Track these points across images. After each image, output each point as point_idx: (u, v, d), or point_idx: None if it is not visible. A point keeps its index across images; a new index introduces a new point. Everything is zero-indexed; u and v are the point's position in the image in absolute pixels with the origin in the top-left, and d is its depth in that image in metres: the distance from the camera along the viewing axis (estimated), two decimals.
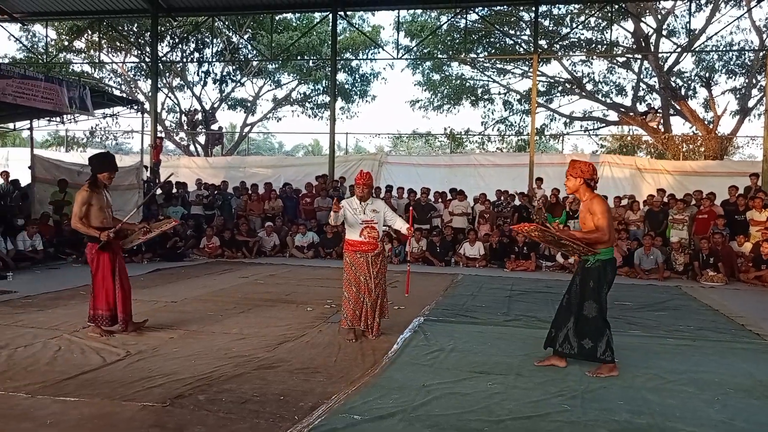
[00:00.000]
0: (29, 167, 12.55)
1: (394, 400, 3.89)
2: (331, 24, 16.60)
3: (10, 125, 15.45)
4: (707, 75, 20.21)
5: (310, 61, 23.44)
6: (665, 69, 20.20)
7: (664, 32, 19.78)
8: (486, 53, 21.90)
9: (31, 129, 13.69)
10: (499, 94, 23.65)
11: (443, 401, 3.91)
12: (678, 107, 20.14)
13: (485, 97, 23.62)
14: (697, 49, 19.43)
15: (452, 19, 19.91)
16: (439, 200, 13.60)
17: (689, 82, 21.05)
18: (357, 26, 21.62)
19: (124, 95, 21.15)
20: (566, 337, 4.60)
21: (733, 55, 19.96)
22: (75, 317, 6.13)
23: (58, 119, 13.07)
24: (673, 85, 20.18)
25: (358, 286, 5.55)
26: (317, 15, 19.90)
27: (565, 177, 4.70)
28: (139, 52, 22.64)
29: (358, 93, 24.98)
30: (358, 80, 24.80)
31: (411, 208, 7.21)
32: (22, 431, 3.32)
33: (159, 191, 13.73)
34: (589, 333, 4.54)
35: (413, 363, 4.78)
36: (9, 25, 18.73)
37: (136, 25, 21.89)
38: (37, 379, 4.18)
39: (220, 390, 4.02)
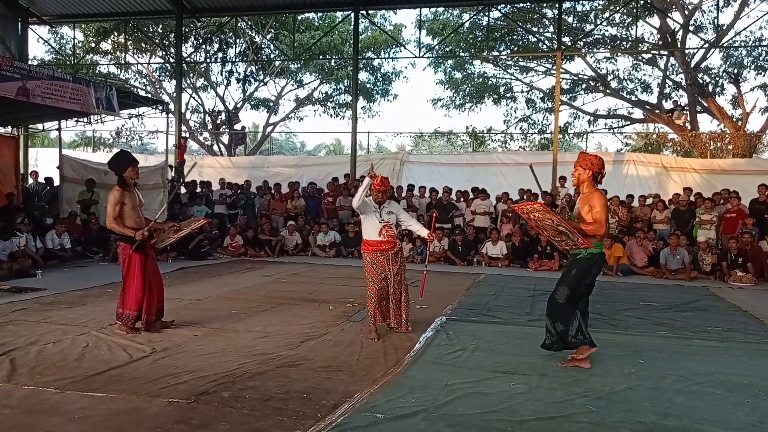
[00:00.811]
0: (57, 167, 12.80)
1: (417, 399, 3.89)
2: (352, 23, 16.63)
3: (39, 126, 15.77)
4: (736, 71, 19.78)
5: (332, 61, 23.50)
6: (692, 65, 19.83)
7: (691, 28, 19.40)
8: (509, 51, 21.74)
9: (59, 129, 13.96)
10: (522, 92, 23.45)
11: (466, 401, 3.89)
12: (705, 104, 19.76)
13: (508, 95, 23.43)
14: (725, 45, 19.05)
15: (474, 17, 19.80)
16: (461, 199, 13.54)
17: (717, 79, 20.62)
18: (379, 25, 21.63)
19: (149, 96, 21.44)
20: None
21: (762, 50, 19.49)
22: (102, 314, 6.23)
23: (85, 120, 13.29)
24: (701, 81, 19.80)
25: (380, 283, 5.69)
26: (339, 14, 19.97)
27: (573, 168, 4.72)
28: (164, 53, 22.93)
29: (380, 92, 24.98)
30: (380, 79, 24.80)
31: (434, 211, 7.15)
32: (52, 425, 3.38)
33: (183, 191, 13.90)
34: (560, 317, 4.63)
35: (436, 362, 4.77)
36: (38, 27, 19.10)
37: (160, 26, 22.18)
38: (65, 374, 4.26)
39: (243, 387, 4.06)
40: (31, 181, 14.63)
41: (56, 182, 13.30)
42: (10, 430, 3.31)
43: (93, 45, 21.99)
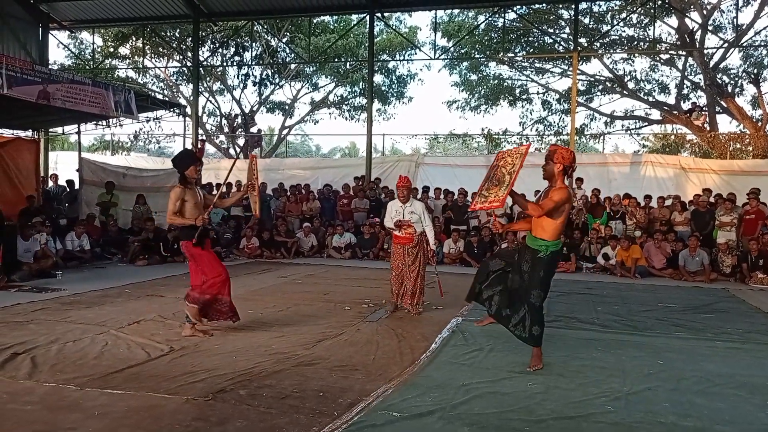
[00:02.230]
0: (77, 170, 12.97)
1: (433, 398, 3.88)
2: (368, 26, 16.68)
3: (59, 129, 16.01)
4: (755, 71, 19.53)
5: (347, 64, 23.59)
6: (711, 65, 19.60)
7: (710, 28, 19.21)
8: (524, 52, 21.66)
9: (78, 133, 14.16)
10: (538, 93, 23.36)
11: (483, 400, 3.87)
12: (724, 105, 19.52)
13: (523, 96, 23.36)
14: (744, 45, 18.81)
15: (490, 19, 19.76)
16: None
17: (736, 79, 20.39)
18: (394, 27, 21.66)
19: (167, 99, 21.66)
20: (521, 320, 4.67)
21: None
22: (121, 314, 6.31)
23: (104, 123, 13.45)
24: (720, 82, 19.56)
25: (397, 270, 6.68)
26: (354, 17, 20.03)
27: (545, 161, 4.71)
28: (181, 57, 23.17)
29: (395, 94, 25.01)
30: (395, 82, 24.84)
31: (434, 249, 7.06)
32: (72, 422, 3.42)
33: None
34: (538, 320, 4.63)
35: (452, 362, 4.76)
36: (58, 32, 19.42)
37: (178, 30, 22.44)
38: (85, 372, 4.31)
39: (260, 385, 4.08)
40: (51, 183, 14.83)
41: (76, 185, 13.48)
42: (31, 425, 3.35)
43: (112, 50, 22.30)
